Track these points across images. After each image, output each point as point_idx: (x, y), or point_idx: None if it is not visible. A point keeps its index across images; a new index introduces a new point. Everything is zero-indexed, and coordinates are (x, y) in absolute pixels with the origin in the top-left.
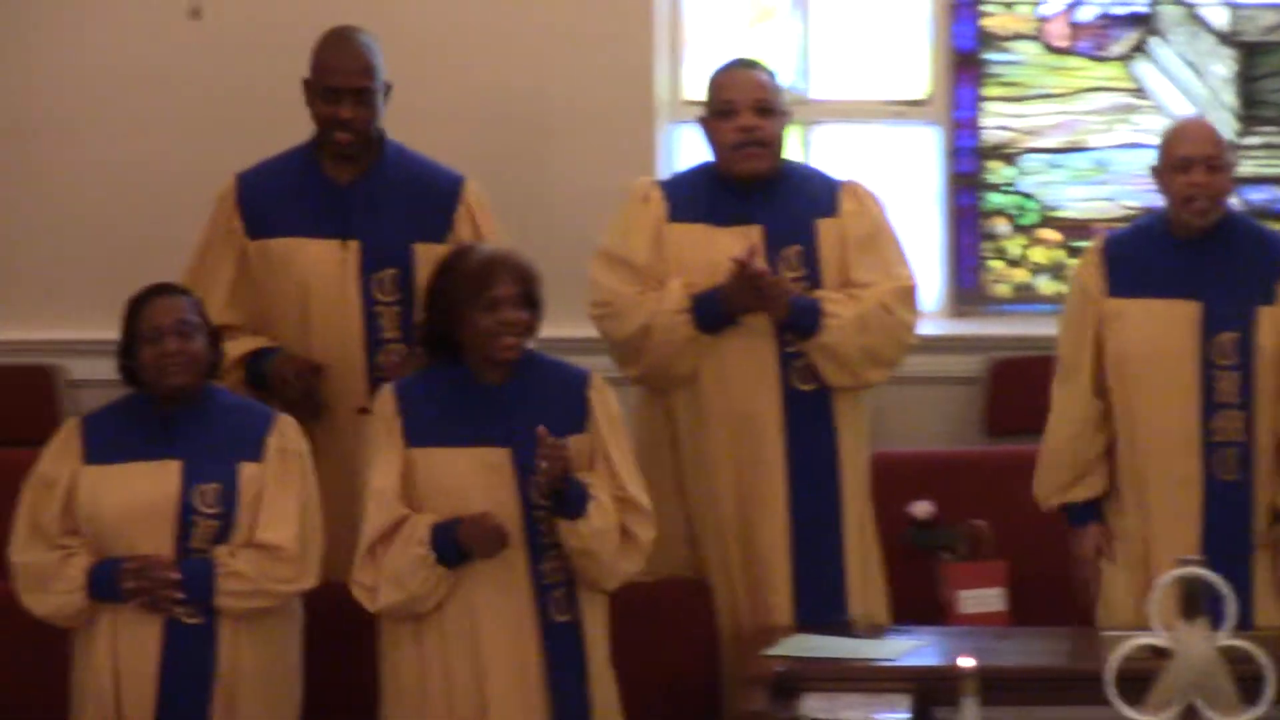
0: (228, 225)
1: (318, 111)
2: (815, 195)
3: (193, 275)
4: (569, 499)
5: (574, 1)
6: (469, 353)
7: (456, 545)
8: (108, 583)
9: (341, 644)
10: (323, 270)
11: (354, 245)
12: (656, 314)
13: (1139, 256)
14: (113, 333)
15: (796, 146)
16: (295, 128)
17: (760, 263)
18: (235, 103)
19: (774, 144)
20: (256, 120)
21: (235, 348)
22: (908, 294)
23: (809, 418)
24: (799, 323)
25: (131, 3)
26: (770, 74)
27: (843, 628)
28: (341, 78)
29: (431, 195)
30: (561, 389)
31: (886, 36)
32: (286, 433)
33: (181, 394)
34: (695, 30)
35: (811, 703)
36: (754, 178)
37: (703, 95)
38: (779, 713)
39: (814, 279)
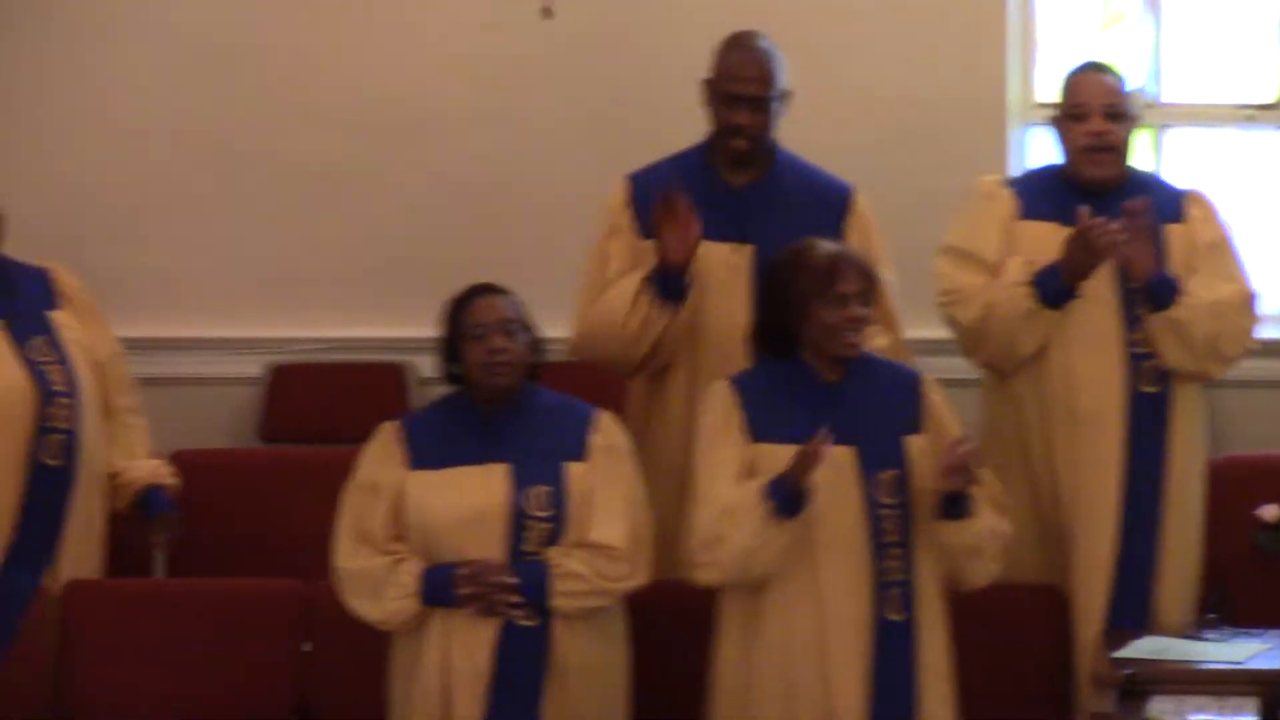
0: (621, 225)
1: (716, 115)
2: (1161, 201)
3: (592, 277)
4: (961, 499)
5: (928, 6)
6: (809, 348)
7: (790, 489)
8: (442, 588)
9: (665, 640)
10: (715, 273)
11: (747, 249)
12: (997, 289)
13: None
14: None
15: (1147, 150)
16: (641, 128)
17: (1100, 220)
18: (583, 102)
19: (1122, 149)
20: (604, 120)
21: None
22: (1251, 300)
23: (1150, 421)
24: (1156, 293)
25: (484, 1)
26: (1121, 79)
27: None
28: (741, 85)
29: (823, 203)
30: (897, 387)
31: (1238, 40)
32: (608, 429)
33: (505, 395)
34: (1047, 33)
35: (1159, 705)
36: (1101, 184)
37: (1055, 98)
38: (1126, 715)
39: None
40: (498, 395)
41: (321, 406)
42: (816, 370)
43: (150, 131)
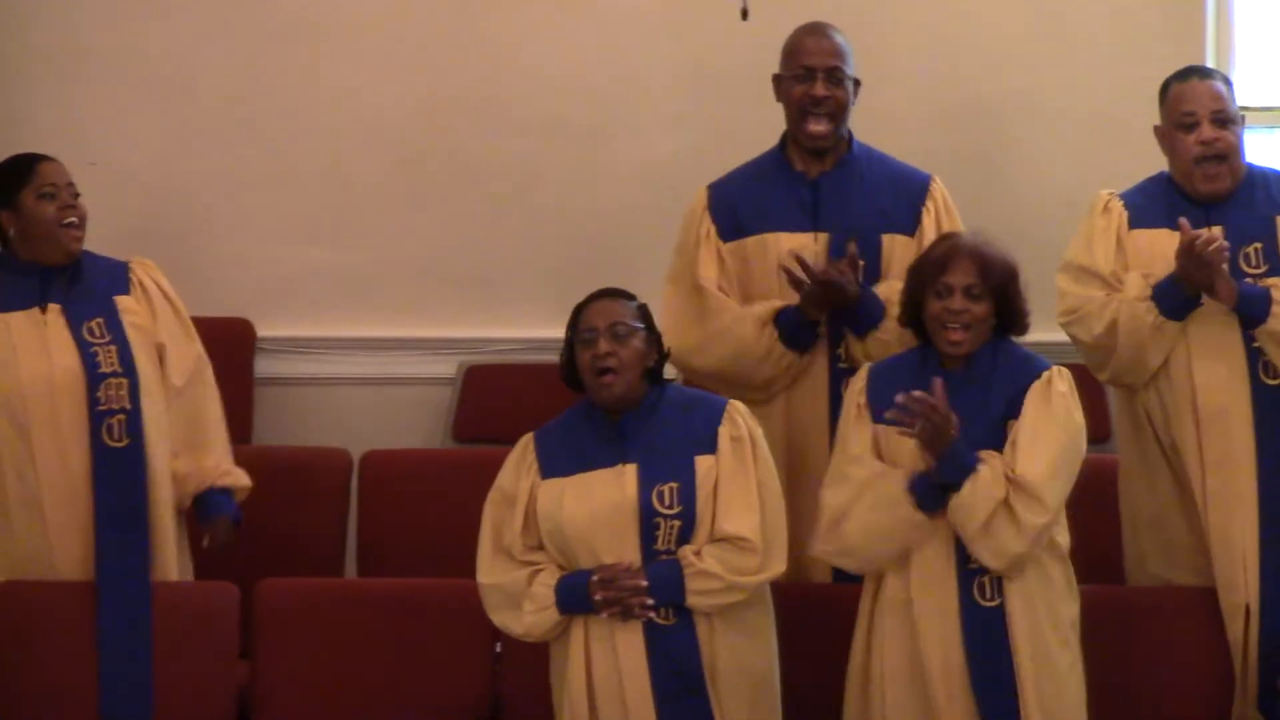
0: (705, 232)
1: (790, 96)
2: (1275, 194)
3: (682, 281)
4: (947, 466)
5: (1126, 12)
6: (930, 337)
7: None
8: (577, 596)
9: (812, 638)
10: None
11: (824, 237)
12: (1120, 306)
13: None
14: None
15: None
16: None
17: (1202, 233)
18: (776, 104)
19: (1233, 156)
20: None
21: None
22: None
23: (1277, 412)
24: (1248, 310)
25: (682, 2)
26: (1225, 81)
27: None
28: (816, 57)
29: (899, 190)
30: (1011, 377)
31: None
32: (738, 420)
33: (617, 403)
34: (1245, 37)
35: None
36: (1214, 199)
37: (1160, 106)
38: None
39: (1277, 275)
40: (610, 402)
41: (515, 407)
42: (942, 357)
43: (346, 131)
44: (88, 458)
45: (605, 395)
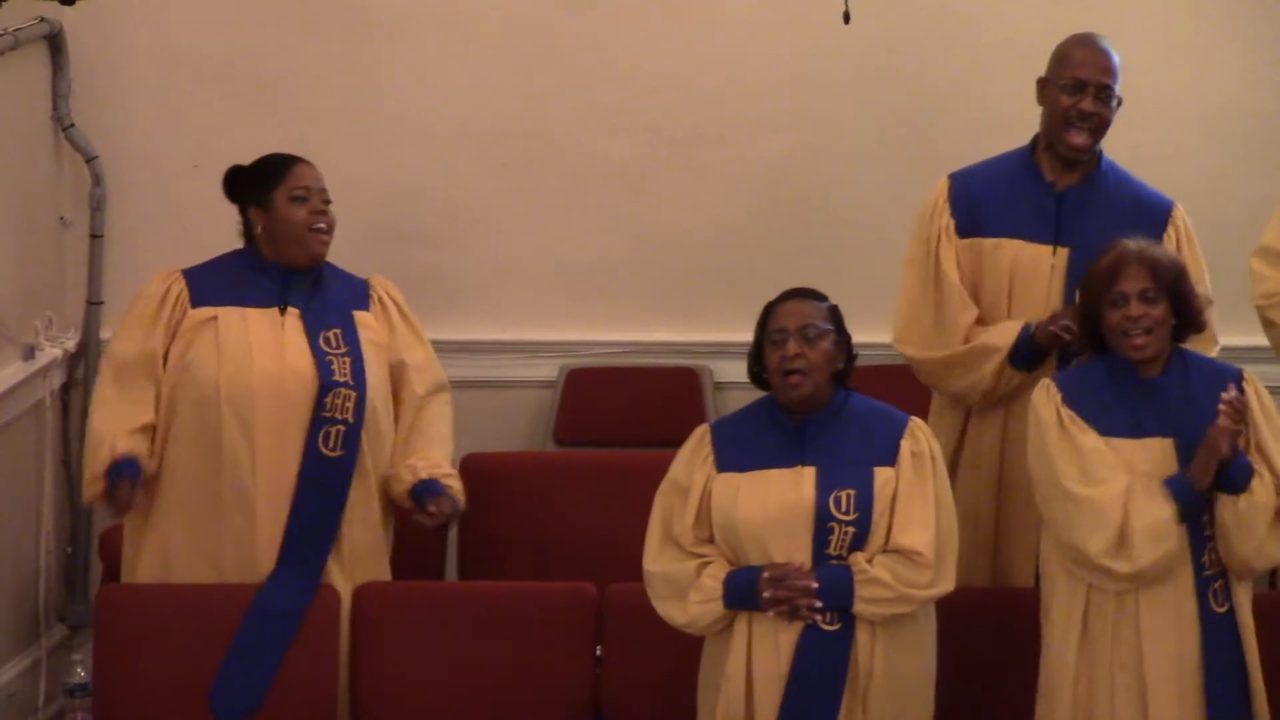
0: (940, 222)
1: (1056, 104)
2: None
3: (913, 263)
4: (1235, 472)
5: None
6: (1112, 348)
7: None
8: (745, 592)
9: (975, 649)
10: (1029, 273)
11: (1063, 252)
12: None
13: None
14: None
15: None
16: (939, 132)
17: None
18: (881, 106)
19: None
20: (902, 124)
21: (999, 334)
22: None
23: None
24: None
25: (785, 6)
26: None
27: None
28: (1090, 71)
29: (1142, 215)
30: (1217, 383)
31: None
32: (918, 436)
33: (803, 404)
34: None
35: None
36: None
37: None
38: None
39: None
40: (795, 404)
41: (616, 410)
42: (1136, 365)
43: (451, 134)
44: (300, 459)
45: (791, 396)
